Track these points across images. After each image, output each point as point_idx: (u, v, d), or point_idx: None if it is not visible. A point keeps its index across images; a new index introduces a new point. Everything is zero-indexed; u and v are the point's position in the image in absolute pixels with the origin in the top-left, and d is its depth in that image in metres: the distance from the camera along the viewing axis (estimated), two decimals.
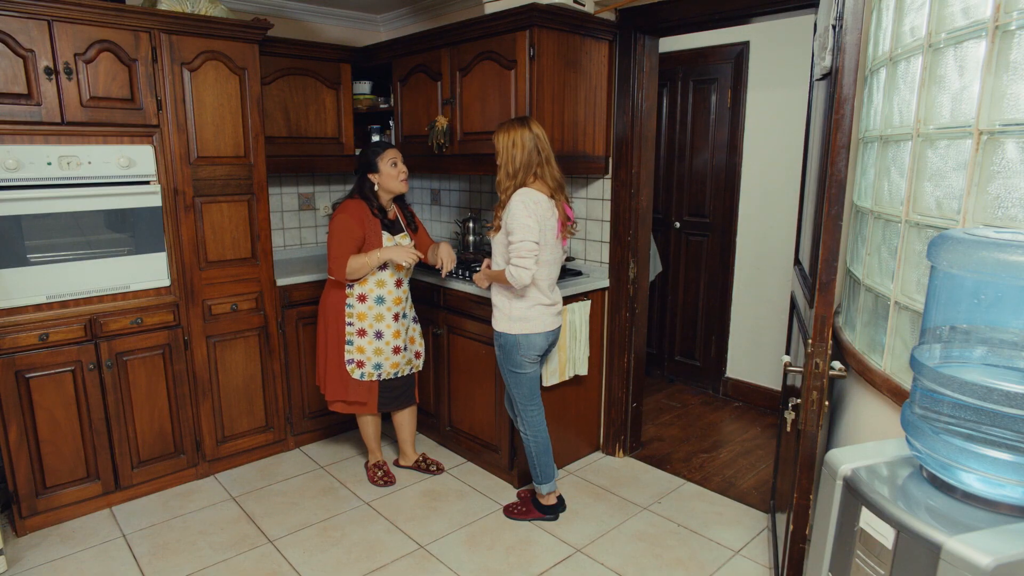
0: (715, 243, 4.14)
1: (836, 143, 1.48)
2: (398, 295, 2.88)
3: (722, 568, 2.46)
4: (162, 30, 2.73)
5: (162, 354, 2.93)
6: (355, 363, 2.85)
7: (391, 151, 2.78)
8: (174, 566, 2.47)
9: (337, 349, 2.85)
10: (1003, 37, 1.19)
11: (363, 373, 2.86)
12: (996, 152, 1.22)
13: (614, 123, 3.11)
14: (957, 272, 1.12)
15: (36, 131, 2.53)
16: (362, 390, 2.90)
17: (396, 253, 2.73)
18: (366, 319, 2.82)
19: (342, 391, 2.90)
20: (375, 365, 2.86)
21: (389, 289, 2.84)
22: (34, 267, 2.58)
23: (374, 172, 2.77)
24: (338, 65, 3.65)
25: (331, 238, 2.72)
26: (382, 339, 2.85)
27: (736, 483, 3.10)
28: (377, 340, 2.84)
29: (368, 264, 2.71)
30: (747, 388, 4.11)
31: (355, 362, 2.85)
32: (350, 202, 2.78)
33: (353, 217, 2.72)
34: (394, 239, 2.82)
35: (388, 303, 2.85)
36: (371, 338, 2.84)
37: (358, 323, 2.82)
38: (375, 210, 2.78)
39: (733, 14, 2.67)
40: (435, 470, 3.17)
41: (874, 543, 1.12)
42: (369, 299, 2.82)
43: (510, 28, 2.80)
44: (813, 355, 1.53)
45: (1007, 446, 1.04)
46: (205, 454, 3.12)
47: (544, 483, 2.71)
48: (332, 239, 2.71)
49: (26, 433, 2.61)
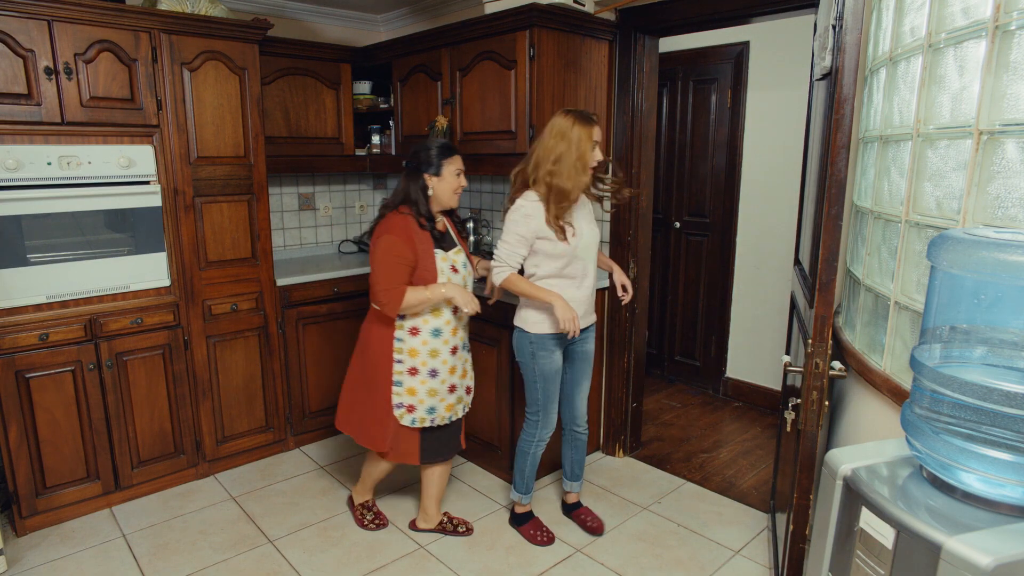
0: (715, 243, 4.14)
1: (836, 143, 1.48)
2: (455, 325, 2.43)
3: (722, 568, 2.46)
4: (162, 30, 2.73)
5: (162, 354, 2.93)
6: (405, 407, 2.39)
7: (459, 158, 2.37)
8: (174, 566, 2.47)
9: (382, 391, 2.40)
10: (1003, 37, 1.19)
11: (414, 419, 2.40)
12: (996, 152, 1.22)
13: (614, 123, 3.11)
14: (957, 272, 1.12)
15: (36, 131, 2.53)
16: (413, 439, 2.46)
17: (460, 296, 2.29)
18: (418, 356, 2.37)
19: (383, 439, 2.44)
20: (428, 409, 2.41)
21: (447, 319, 2.39)
22: (34, 267, 2.58)
23: (434, 175, 2.32)
24: (338, 65, 3.65)
25: (377, 265, 2.26)
26: (437, 378, 2.40)
27: (736, 483, 3.10)
28: (431, 379, 2.39)
29: (429, 301, 2.29)
30: (747, 388, 4.11)
31: (405, 406, 2.39)
32: (394, 218, 2.31)
33: (401, 237, 2.26)
34: (448, 257, 2.38)
35: (445, 335, 2.40)
36: (424, 377, 2.38)
37: (409, 360, 2.37)
38: (423, 220, 2.33)
39: (733, 14, 2.67)
40: (463, 531, 2.67)
41: (874, 543, 1.12)
42: (423, 332, 2.36)
43: (510, 28, 2.80)
44: (813, 355, 1.53)
45: (1007, 446, 1.04)
46: (205, 454, 3.12)
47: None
48: (379, 266, 2.25)
49: (26, 433, 2.61)
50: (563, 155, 2.23)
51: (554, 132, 2.26)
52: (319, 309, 3.42)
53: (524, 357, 2.47)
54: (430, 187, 2.32)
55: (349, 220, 4.22)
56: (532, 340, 2.41)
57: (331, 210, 4.12)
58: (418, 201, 2.32)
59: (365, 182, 4.26)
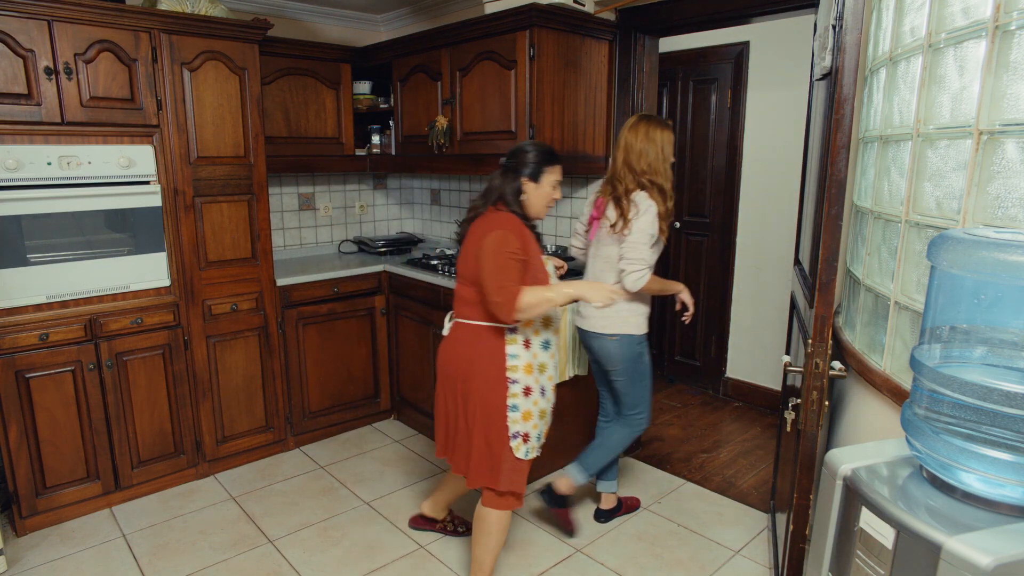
0: (715, 243, 4.14)
1: (836, 143, 1.48)
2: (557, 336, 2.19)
3: (722, 568, 2.46)
4: (162, 30, 2.73)
5: (162, 354, 2.93)
6: (521, 436, 2.04)
7: (560, 168, 2.15)
8: (174, 566, 2.47)
9: (497, 420, 2.04)
10: (1003, 37, 1.19)
11: (528, 449, 2.07)
12: (996, 152, 1.22)
13: (614, 123, 3.11)
14: (957, 272, 1.12)
15: (36, 131, 2.53)
16: (524, 471, 2.11)
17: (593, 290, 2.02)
18: (532, 372, 2.06)
19: (492, 476, 2.07)
20: (538, 436, 2.10)
21: (556, 327, 2.16)
22: (34, 267, 2.58)
23: (532, 179, 2.10)
24: (338, 65, 3.65)
25: (490, 262, 1.95)
26: (545, 396, 2.10)
27: (736, 483, 3.10)
28: (543, 399, 2.09)
29: (551, 302, 1.97)
30: (747, 388, 4.11)
31: (521, 435, 2.04)
32: (499, 214, 2.07)
33: (514, 233, 2.00)
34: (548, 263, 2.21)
35: (552, 348, 2.13)
36: (537, 397, 2.07)
37: (524, 379, 2.04)
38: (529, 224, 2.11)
39: (733, 14, 2.68)
40: (463, 531, 2.64)
41: (874, 543, 1.12)
42: (535, 344, 2.08)
43: (510, 28, 2.80)
44: (813, 355, 1.53)
45: (1007, 446, 1.04)
46: (205, 454, 3.12)
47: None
48: (491, 263, 1.95)
49: (26, 433, 2.61)
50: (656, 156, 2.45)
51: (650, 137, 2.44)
52: (319, 309, 3.42)
53: (630, 362, 2.50)
54: (525, 192, 2.10)
55: (349, 220, 4.22)
56: (639, 341, 2.51)
57: (331, 210, 4.12)
58: (511, 203, 2.09)
59: (365, 182, 4.26)
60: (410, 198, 4.51)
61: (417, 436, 3.61)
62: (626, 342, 2.47)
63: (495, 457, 2.06)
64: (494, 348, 2.04)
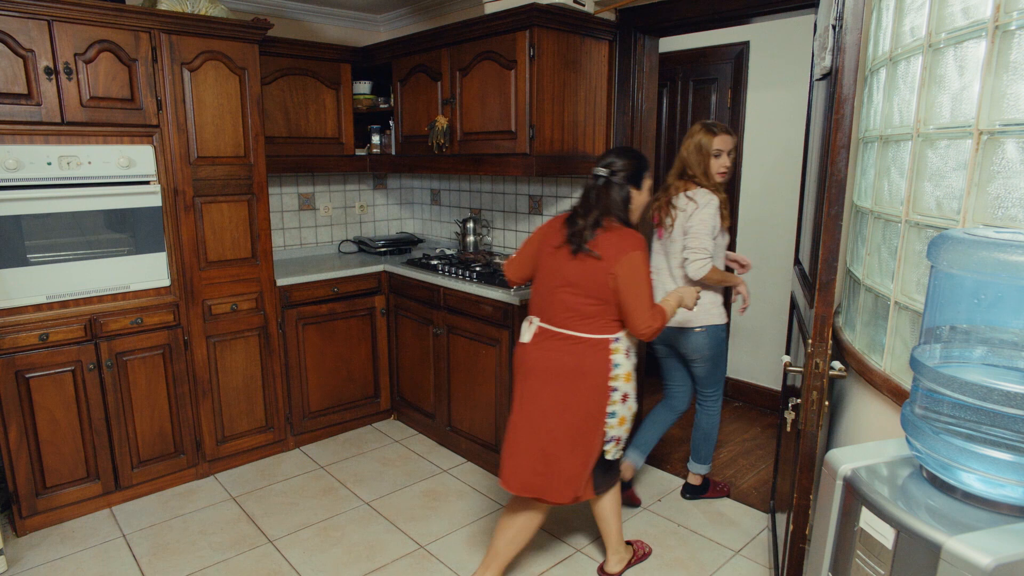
0: None
1: (836, 143, 1.48)
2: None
3: (722, 568, 2.46)
4: (162, 30, 2.73)
5: (162, 354, 2.93)
6: (614, 440, 2.14)
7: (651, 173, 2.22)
8: (174, 566, 2.47)
9: (595, 427, 2.10)
10: (1003, 37, 1.19)
11: (617, 451, 2.18)
12: (996, 152, 1.22)
13: (614, 123, 3.11)
14: (957, 272, 1.12)
15: (36, 131, 2.53)
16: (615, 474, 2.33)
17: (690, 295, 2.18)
18: (630, 380, 2.13)
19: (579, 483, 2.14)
20: (626, 438, 2.24)
21: None
22: (34, 267, 2.58)
23: (637, 188, 2.13)
24: (338, 65, 3.65)
25: (638, 287, 2.00)
26: (632, 401, 2.18)
27: (736, 483, 3.10)
28: (634, 404, 2.19)
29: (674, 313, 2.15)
30: (747, 388, 4.11)
31: (614, 439, 2.14)
32: (628, 233, 2.06)
33: (644, 251, 2.05)
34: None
35: (636, 355, 2.20)
36: (632, 403, 2.16)
37: (623, 386, 2.11)
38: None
39: (733, 14, 2.67)
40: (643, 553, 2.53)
41: (874, 543, 1.12)
42: (632, 353, 2.14)
43: (510, 28, 2.80)
44: (813, 355, 1.53)
45: (1007, 446, 1.04)
46: (205, 454, 3.12)
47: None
48: (641, 288, 2.00)
49: (26, 433, 2.61)
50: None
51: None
52: (319, 309, 3.42)
53: (717, 349, 2.68)
54: (632, 199, 2.11)
55: (349, 220, 4.22)
56: (722, 329, 2.68)
57: (331, 210, 4.12)
58: (621, 214, 2.08)
59: (365, 182, 4.26)
60: (410, 198, 4.51)
61: (417, 436, 3.61)
62: (712, 331, 2.66)
63: (586, 466, 2.13)
64: (603, 358, 2.07)
